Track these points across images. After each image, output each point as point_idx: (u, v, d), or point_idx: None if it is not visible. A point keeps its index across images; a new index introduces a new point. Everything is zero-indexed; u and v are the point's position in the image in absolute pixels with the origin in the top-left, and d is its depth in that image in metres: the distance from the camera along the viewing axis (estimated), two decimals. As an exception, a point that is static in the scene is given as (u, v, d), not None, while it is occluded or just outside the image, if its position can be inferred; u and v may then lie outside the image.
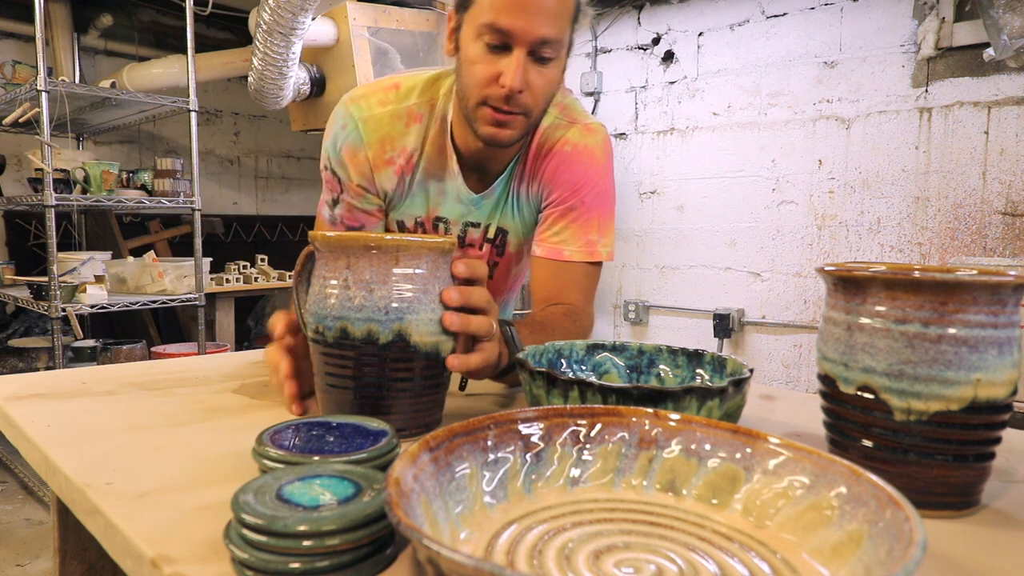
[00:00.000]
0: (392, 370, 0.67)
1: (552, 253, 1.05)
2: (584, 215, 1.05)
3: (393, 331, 0.66)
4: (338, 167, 1.04)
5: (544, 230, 1.07)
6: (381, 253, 0.66)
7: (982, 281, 0.51)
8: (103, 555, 0.81)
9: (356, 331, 0.66)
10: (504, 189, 1.08)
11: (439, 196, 1.07)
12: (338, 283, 0.67)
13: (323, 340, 0.68)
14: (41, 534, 2.49)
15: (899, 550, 0.37)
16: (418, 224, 1.10)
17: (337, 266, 0.67)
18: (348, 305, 0.66)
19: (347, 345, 0.66)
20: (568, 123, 1.07)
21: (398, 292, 0.66)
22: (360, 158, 1.02)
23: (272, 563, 0.41)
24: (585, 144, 1.06)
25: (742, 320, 3.35)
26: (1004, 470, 0.65)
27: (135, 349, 3.31)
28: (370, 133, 1.01)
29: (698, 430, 0.53)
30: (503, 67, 0.88)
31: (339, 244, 0.67)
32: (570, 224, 1.05)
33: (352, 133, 1.02)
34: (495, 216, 1.10)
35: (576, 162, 1.04)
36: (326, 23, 3.39)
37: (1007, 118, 2.59)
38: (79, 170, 2.88)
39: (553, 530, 0.47)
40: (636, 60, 3.71)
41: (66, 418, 0.74)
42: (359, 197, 1.06)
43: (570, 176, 1.04)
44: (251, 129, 4.77)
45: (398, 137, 1.02)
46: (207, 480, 0.58)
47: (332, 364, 0.68)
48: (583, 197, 1.05)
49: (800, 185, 3.14)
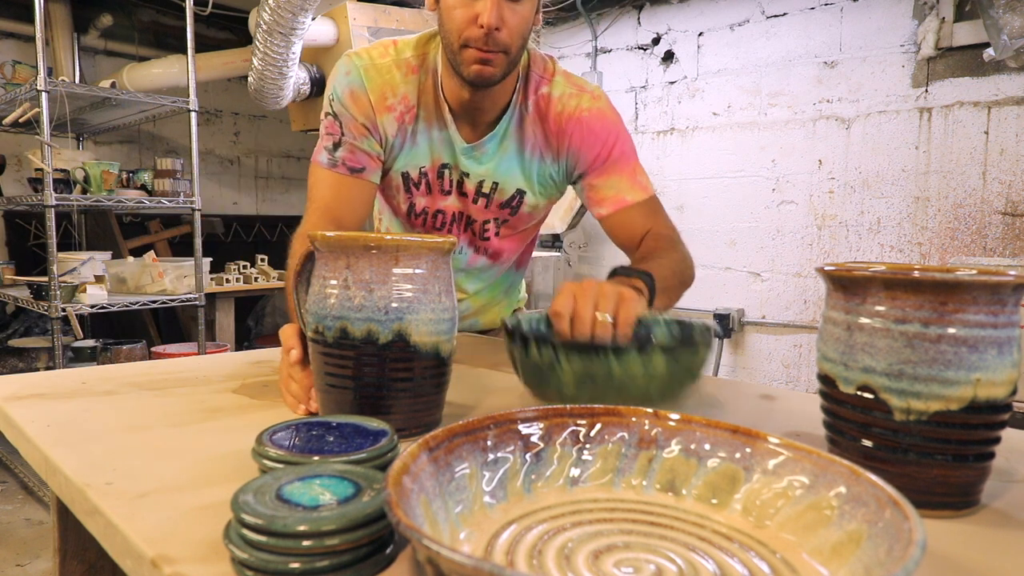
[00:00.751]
0: (392, 370, 0.67)
1: (618, 204, 1.14)
2: (623, 164, 1.15)
3: (393, 331, 0.66)
4: (341, 110, 1.09)
5: (597, 192, 1.15)
6: (381, 253, 0.66)
7: (982, 281, 0.51)
8: (103, 555, 0.81)
9: (356, 331, 0.66)
10: (500, 144, 1.13)
11: (440, 144, 1.13)
12: (338, 283, 0.67)
13: (323, 340, 0.68)
14: (41, 534, 2.49)
15: (899, 550, 0.37)
16: (422, 174, 1.15)
17: (337, 266, 0.67)
18: (348, 305, 0.66)
19: (347, 345, 0.66)
20: (578, 91, 1.14)
21: (398, 292, 0.66)
22: (363, 101, 1.09)
23: (272, 563, 0.41)
24: (598, 108, 1.14)
25: (742, 320, 3.35)
26: (1004, 470, 0.65)
27: (135, 349, 3.31)
28: (371, 79, 1.08)
29: (698, 430, 0.53)
30: (479, 8, 0.96)
31: (339, 244, 0.67)
32: (614, 175, 1.14)
33: (355, 79, 1.09)
34: (493, 172, 1.15)
35: (597, 125, 1.13)
36: (326, 23, 3.39)
37: (1007, 118, 2.59)
38: (79, 170, 2.88)
39: (553, 530, 0.47)
40: (636, 60, 3.71)
41: (66, 418, 0.74)
42: (361, 137, 1.10)
43: (595, 138, 1.13)
44: (251, 129, 4.77)
45: (398, 85, 1.09)
46: (207, 480, 0.58)
47: (332, 364, 0.68)
48: (613, 150, 1.14)
49: (800, 185, 3.14)
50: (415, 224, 1.21)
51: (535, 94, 1.13)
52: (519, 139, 1.14)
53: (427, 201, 1.18)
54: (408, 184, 1.16)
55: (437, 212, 1.19)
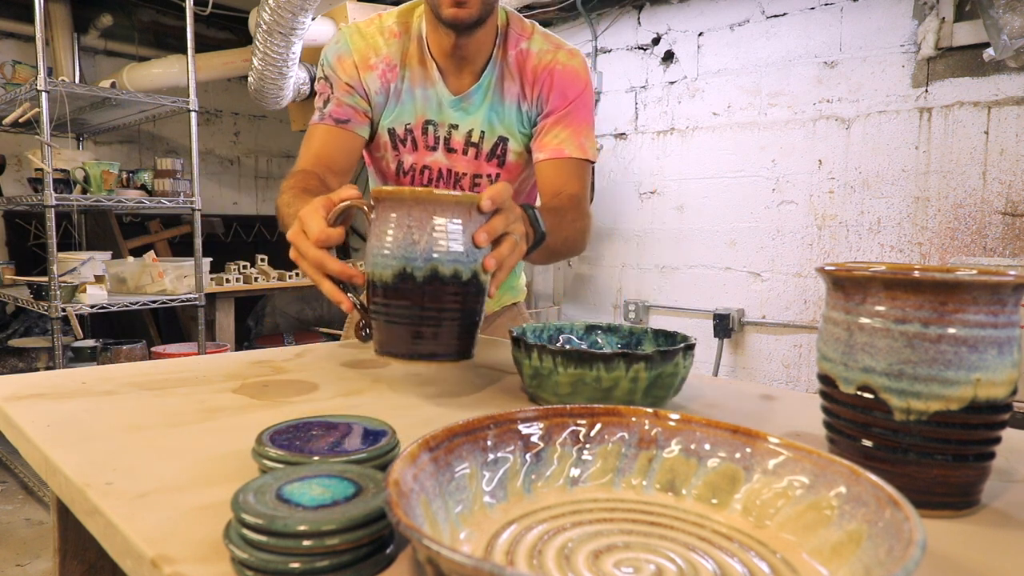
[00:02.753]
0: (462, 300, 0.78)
1: (554, 153, 1.22)
2: (575, 122, 1.23)
3: (472, 269, 0.77)
4: (329, 72, 1.22)
5: (542, 136, 1.23)
6: (458, 204, 0.77)
7: (982, 281, 0.51)
8: (103, 555, 0.81)
9: (445, 270, 0.75)
10: (485, 96, 1.23)
11: (425, 102, 1.23)
12: (425, 230, 0.76)
13: (403, 279, 0.75)
14: (41, 534, 2.49)
15: (899, 550, 0.37)
16: (407, 131, 1.25)
17: (421, 216, 0.76)
18: (439, 247, 0.75)
19: (433, 280, 0.76)
20: (555, 48, 1.24)
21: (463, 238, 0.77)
22: (347, 63, 1.21)
23: (272, 563, 0.41)
24: (572, 65, 1.23)
25: (742, 320, 3.35)
26: (1004, 470, 0.65)
27: (135, 349, 3.31)
28: (355, 43, 1.21)
29: (698, 430, 0.53)
30: None
31: (429, 198, 0.76)
32: (564, 128, 1.22)
33: (342, 45, 1.22)
34: (480, 121, 1.24)
35: (566, 78, 1.23)
36: (326, 23, 3.39)
37: (1007, 118, 2.59)
38: (79, 170, 2.88)
39: (553, 530, 0.47)
40: (636, 60, 3.71)
41: (66, 418, 0.74)
42: (347, 94, 1.21)
43: (561, 90, 1.22)
44: (251, 129, 4.77)
45: (380, 47, 1.21)
46: (207, 480, 0.58)
47: (427, 298, 0.76)
48: (572, 107, 1.22)
49: (800, 185, 3.14)
50: (403, 182, 1.29)
51: (515, 48, 1.22)
52: (500, 90, 1.23)
53: (414, 158, 1.27)
54: (395, 140, 1.25)
55: (424, 168, 1.27)
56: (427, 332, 0.79)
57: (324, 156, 1.20)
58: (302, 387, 0.90)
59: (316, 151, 1.21)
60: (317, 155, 1.20)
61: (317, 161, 1.19)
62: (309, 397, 0.85)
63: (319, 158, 1.20)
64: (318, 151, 1.20)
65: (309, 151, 1.21)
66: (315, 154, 1.20)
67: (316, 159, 1.20)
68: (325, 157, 1.20)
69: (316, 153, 1.20)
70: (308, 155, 1.21)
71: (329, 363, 1.05)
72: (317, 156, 1.20)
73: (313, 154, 1.20)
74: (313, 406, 0.80)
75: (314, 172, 1.16)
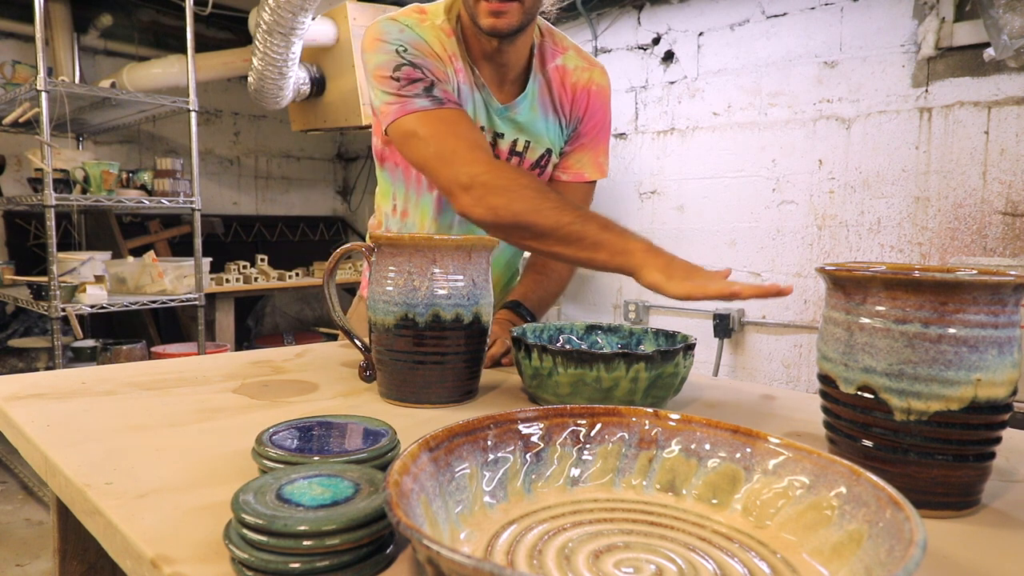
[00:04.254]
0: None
1: (575, 177, 1.27)
2: (599, 143, 1.27)
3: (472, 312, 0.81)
4: (416, 56, 1.07)
5: (568, 158, 1.26)
6: (459, 249, 0.81)
7: (982, 281, 0.51)
8: (103, 555, 0.81)
9: (466, 315, 0.80)
10: (531, 107, 1.20)
11: (475, 106, 1.17)
12: (433, 274, 0.79)
13: (413, 325, 0.79)
14: (41, 534, 2.49)
15: (899, 550, 0.37)
16: None
17: (445, 262, 0.80)
18: (454, 293, 0.80)
19: (436, 327, 0.79)
20: (589, 66, 1.24)
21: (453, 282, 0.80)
22: (430, 50, 1.09)
23: (272, 563, 0.41)
24: (603, 84, 1.26)
25: (742, 320, 3.34)
26: (1004, 470, 0.65)
27: (135, 349, 3.31)
28: (427, 34, 1.11)
29: (698, 430, 0.53)
30: None
31: (427, 244, 0.79)
32: (589, 151, 1.26)
33: (412, 36, 1.09)
34: (528, 132, 1.21)
35: (600, 100, 1.25)
36: (326, 23, 3.39)
37: (1007, 118, 2.59)
38: (79, 170, 2.88)
39: (553, 530, 0.47)
40: (636, 60, 3.71)
41: (66, 418, 0.74)
42: (445, 80, 1.09)
43: (595, 113, 1.25)
44: (251, 129, 4.77)
45: (445, 42, 1.13)
46: (207, 480, 0.58)
47: (429, 343, 0.80)
48: (599, 127, 1.26)
49: (800, 185, 3.14)
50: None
51: (551, 63, 1.21)
52: (543, 103, 1.22)
53: None
54: None
55: None
56: (432, 376, 0.80)
57: (479, 141, 1.05)
58: (302, 387, 0.90)
59: (474, 138, 1.04)
60: (475, 142, 1.03)
61: (479, 146, 1.04)
62: (309, 397, 0.85)
63: (477, 144, 1.04)
64: (467, 136, 1.03)
65: (461, 139, 1.02)
66: (475, 141, 1.03)
67: (477, 145, 1.03)
68: (480, 141, 1.05)
69: (475, 140, 1.04)
70: (468, 143, 1.02)
71: (329, 363, 1.05)
72: (477, 143, 1.03)
73: (473, 141, 1.03)
74: (313, 406, 0.80)
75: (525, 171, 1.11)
